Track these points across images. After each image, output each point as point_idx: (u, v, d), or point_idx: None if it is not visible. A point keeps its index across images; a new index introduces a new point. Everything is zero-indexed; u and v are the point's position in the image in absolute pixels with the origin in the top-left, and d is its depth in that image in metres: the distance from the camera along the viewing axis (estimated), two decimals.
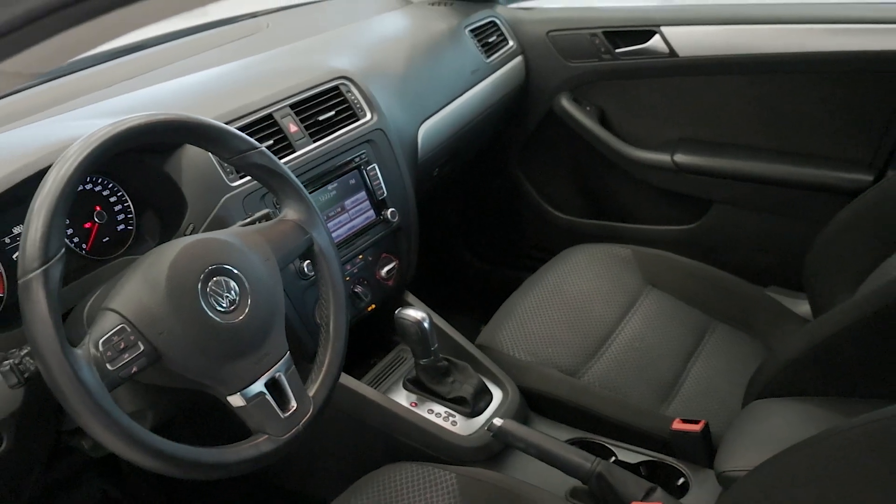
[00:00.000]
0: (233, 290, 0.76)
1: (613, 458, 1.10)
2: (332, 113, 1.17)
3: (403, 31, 1.54)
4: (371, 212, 1.22)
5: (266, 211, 0.93)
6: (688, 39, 1.52)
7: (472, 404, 1.15)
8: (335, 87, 1.20)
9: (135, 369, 0.69)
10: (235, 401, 0.75)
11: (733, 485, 0.79)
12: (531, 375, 1.21)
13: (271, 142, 1.07)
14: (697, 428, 1.03)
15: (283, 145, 1.08)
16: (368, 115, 1.22)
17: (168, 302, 0.71)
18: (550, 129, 1.78)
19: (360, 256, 1.22)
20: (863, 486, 0.55)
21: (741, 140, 1.56)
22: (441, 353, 1.16)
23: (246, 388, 0.75)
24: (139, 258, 0.76)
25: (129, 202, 0.97)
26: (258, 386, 0.76)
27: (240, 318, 0.75)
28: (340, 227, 1.17)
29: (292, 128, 1.10)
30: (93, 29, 0.53)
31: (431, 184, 1.59)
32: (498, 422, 1.04)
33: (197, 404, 0.99)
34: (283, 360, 0.79)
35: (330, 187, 1.15)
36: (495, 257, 2.09)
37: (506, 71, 1.67)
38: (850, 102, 1.41)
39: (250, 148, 0.84)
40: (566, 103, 1.71)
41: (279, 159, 0.88)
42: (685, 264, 1.40)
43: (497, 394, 1.20)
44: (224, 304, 0.75)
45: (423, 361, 1.15)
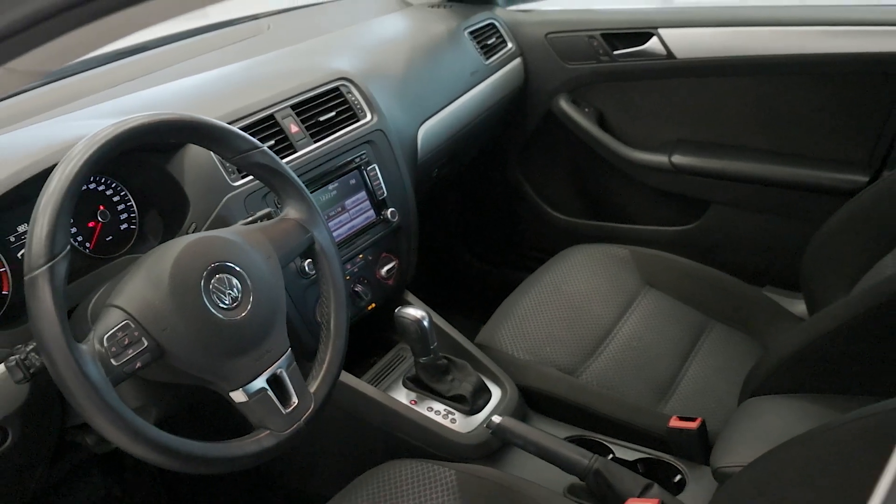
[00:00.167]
0: (235, 288, 0.77)
1: (611, 456, 1.11)
2: (333, 114, 1.18)
3: (403, 32, 1.55)
4: (371, 212, 1.23)
5: (267, 210, 0.93)
6: (685, 41, 1.53)
7: (471, 402, 1.15)
8: (336, 89, 1.21)
9: (139, 365, 0.69)
10: (237, 396, 0.76)
11: (728, 480, 0.80)
12: (530, 374, 1.22)
13: (273, 142, 1.07)
14: (694, 425, 1.04)
15: (285, 145, 1.09)
16: (368, 116, 1.23)
17: (171, 299, 0.72)
18: (549, 130, 1.79)
19: (361, 256, 1.23)
20: (856, 482, 0.56)
21: (738, 141, 1.57)
22: (440, 352, 1.17)
23: (248, 384, 0.76)
24: (142, 256, 0.77)
25: (132, 201, 0.97)
26: (260, 382, 0.77)
27: (242, 315, 0.76)
28: (341, 226, 1.18)
29: (293, 128, 1.11)
30: (96, 30, 0.54)
31: (431, 184, 1.60)
32: (497, 419, 1.05)
33: (199, 400, 1.00)
34: (284, 356, 0.80)
35: (330, 187, 1.16)
36: (494, 257, 2.10)
37: (505, 73, 1.68)
38: (845, 104, 1.42)
39: (252, 147, 0.85)
40: (565, 105, 1.72)
41: (280, 159, 0.89)
42: (683, 264, 1.41)
43: (496, 392, 1.20)
44: (226, 302, 0.76)
45: (423, 360, 1.15)
